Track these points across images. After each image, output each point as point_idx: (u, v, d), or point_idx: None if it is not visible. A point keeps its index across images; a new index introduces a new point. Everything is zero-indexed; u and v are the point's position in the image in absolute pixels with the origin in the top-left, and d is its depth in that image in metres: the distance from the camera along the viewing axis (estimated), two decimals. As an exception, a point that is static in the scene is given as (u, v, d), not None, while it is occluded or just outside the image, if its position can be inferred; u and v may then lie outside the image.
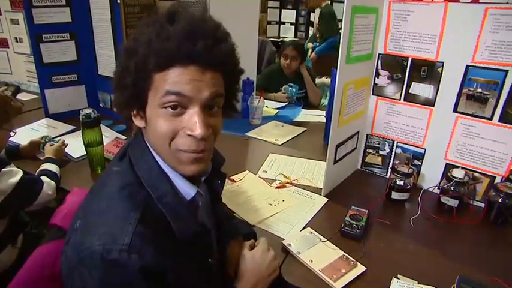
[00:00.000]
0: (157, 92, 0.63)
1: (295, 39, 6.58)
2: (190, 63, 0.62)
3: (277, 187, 1.35)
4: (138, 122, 0.69)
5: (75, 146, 1.51)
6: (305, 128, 1.99)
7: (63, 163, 1.41)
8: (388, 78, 1.34)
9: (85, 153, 1.38)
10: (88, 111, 1.30)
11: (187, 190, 0.69)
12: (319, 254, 0.98)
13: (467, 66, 1.17)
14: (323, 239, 1.04)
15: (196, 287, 0.72)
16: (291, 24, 6.52)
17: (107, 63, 1.84)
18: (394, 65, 1.31)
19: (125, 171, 0.68)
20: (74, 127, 1.76)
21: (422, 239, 1.10)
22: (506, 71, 1.11)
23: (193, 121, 0.63)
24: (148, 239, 0.60)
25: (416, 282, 0.91)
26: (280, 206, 1.23)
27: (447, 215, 1.20)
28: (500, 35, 1.09)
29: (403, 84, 1.31)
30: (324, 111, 2.13)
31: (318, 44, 5.43)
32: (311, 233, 1.08)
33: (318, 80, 2.91)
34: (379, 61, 1.34)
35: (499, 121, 1.16)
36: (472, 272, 0.95)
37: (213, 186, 0.81)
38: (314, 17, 6.19)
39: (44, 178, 1.21)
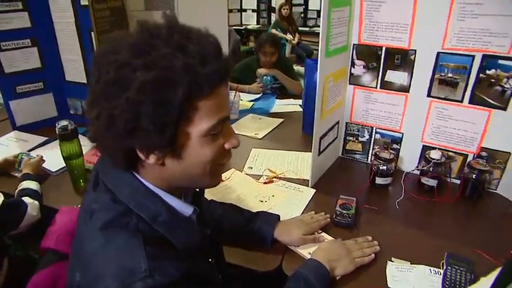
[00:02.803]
0: (203, 121, 0.58)
1: (258, 26, 6.55)
2: (223, 81, 0.60)
3: (265, 182, 1.37)
4: (153, 161, 0.59)
5: (52, 159, 1.43)
6: (282, 119, 2.02)
7: (41, 178, 1.35)
8: (363, 68, 1.39)
9: (63, 165, 1.33)
10: (64, 123, 1.23)
11: (184, 210, 0.68)
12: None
13: (438, 53, 1.22)
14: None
15: (206, 286, 0.73)
16: (253, 11, 6.48)
17: (73, 68, 1.75)
18: (368, 54, 1.35)
19: (106, 205, 0.62)
20: (46, 138, 1.67)
21: (408, 220, 1.17)
22: (473, 56, 1.18)
23: (231, 135, 0.65)
24: (161, 257, 0.59)
25: (409, 262, 0.96)
26: (270, 202, 1.25)
27: (428, 194, 1.27)
28: (466, 23, 1.15)
29: (379, 72, 1.36)
30: (301, 100, 2.17)
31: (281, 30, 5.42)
32: (306, 225, 1.10)
33: (298, 68, 2.99)
34: (354, 51, 1.38)
35: (469, 103, 1.24)
36: (456, 246, 1.01)
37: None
38: (276, 2, 6.18)
39: (26, 199, 1.14)
